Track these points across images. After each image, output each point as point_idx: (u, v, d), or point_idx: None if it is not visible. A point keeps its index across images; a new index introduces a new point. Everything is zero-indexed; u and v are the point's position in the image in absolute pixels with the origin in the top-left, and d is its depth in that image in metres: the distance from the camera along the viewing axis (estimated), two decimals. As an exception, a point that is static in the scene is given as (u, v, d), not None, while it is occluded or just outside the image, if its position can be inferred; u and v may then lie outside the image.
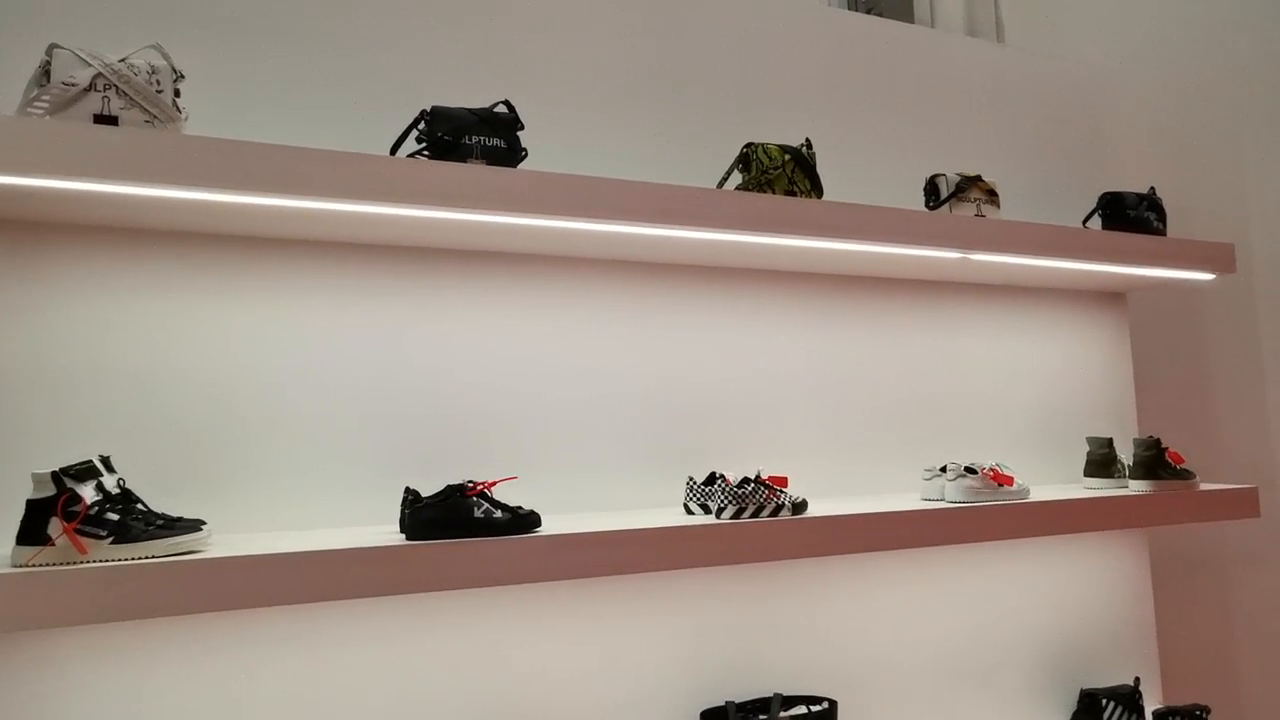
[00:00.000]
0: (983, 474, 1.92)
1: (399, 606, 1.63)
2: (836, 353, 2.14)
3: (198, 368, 1.56)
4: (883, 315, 2.21)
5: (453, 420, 1.73)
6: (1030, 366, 2.39)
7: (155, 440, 1.51)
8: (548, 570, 1.46)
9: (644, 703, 1.80)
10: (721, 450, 1.97)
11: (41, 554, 1.21)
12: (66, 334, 1.48)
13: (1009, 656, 2.21)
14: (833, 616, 2.01)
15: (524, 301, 1.83)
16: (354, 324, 1.68)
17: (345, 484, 1.64)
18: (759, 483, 1.71)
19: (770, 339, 2.06)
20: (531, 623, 1.73)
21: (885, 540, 1.73)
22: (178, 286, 1.56)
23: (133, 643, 1.45)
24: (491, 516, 1.48)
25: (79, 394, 1.48)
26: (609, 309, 1.90)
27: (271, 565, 1.28)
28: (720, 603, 1.90)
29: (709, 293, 2.01)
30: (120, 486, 1.32)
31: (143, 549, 1.26)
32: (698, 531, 1.59)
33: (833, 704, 1.84)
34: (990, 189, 2.03)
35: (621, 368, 1.90)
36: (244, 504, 1.55)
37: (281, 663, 1.54)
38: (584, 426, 1.84)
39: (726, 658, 1.89)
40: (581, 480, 1.83)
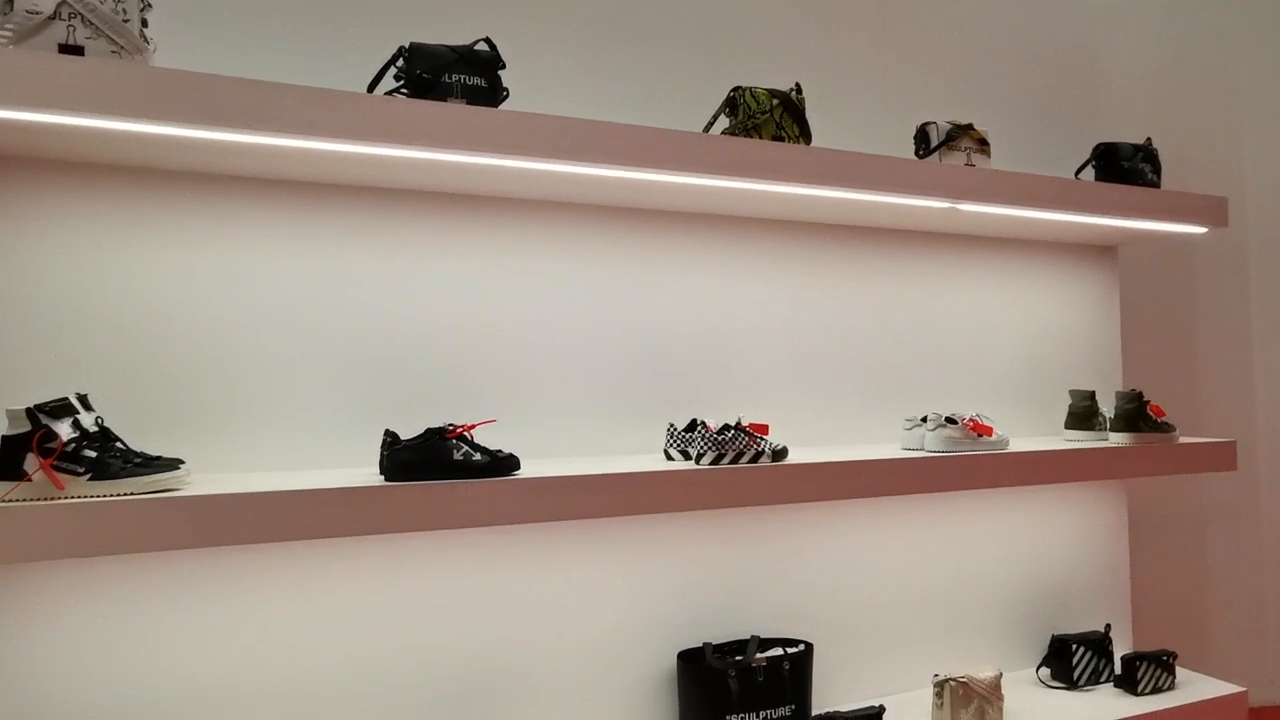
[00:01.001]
0: (962, 424, 1.93)
1: (377, 547, 1.65)
2: (821, 302, 2.13)
3: (176, 308, 1.55)
4: (868, 266, 2.19)
5: (433, 364, 1.73)
6: (1016, 319, 2.39)
7: (133, 381, 1.51)
8: (526, 513, 1.47)
9: (622, 644, 1.84)
10: (703, 398, 1.97)
11: (18, 489, 1.22)
12: (41, 271, 1.47)
13: (983, 603, 2.25)
14: (810, 562, 2.04)
15: (505, 246, 1.81)
16: (333, 266, 1.66)
17: (325, 427, 1.64)
18: (739, 429, 1.72)
19: (754, 287, 2.05)
20: (511, 565, 1.75)
21: (864, 488, 1.75)
22: (154, 225, 1.54)
23: (115, 579, 1.47)
24: (470, 459, 1.48)
25: (56, 332, 1.47)
26: (591, 255, 1.89)
27: (249, 504, 1.29)
28: (699, 547, 1.93)
29: (693, 240, 1.99)
30: (98, 425, 1.33)
31: (120, 486, 1.26)
32: (677, 476, 1.60)
33: (808, 646, 1.89)
34: (981, 138, 2.00)
35: (603, 314, 1.89)
36: (223, 446, 1.56)
37: (259, 601, 1.56)
38: (565, 372, 1.85)
39: (704, 601, 1.93)
40: (562, 425, 1.83)
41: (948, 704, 1.89)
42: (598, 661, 1.81)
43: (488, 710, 1.71)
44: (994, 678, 1.92)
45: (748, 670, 1.78)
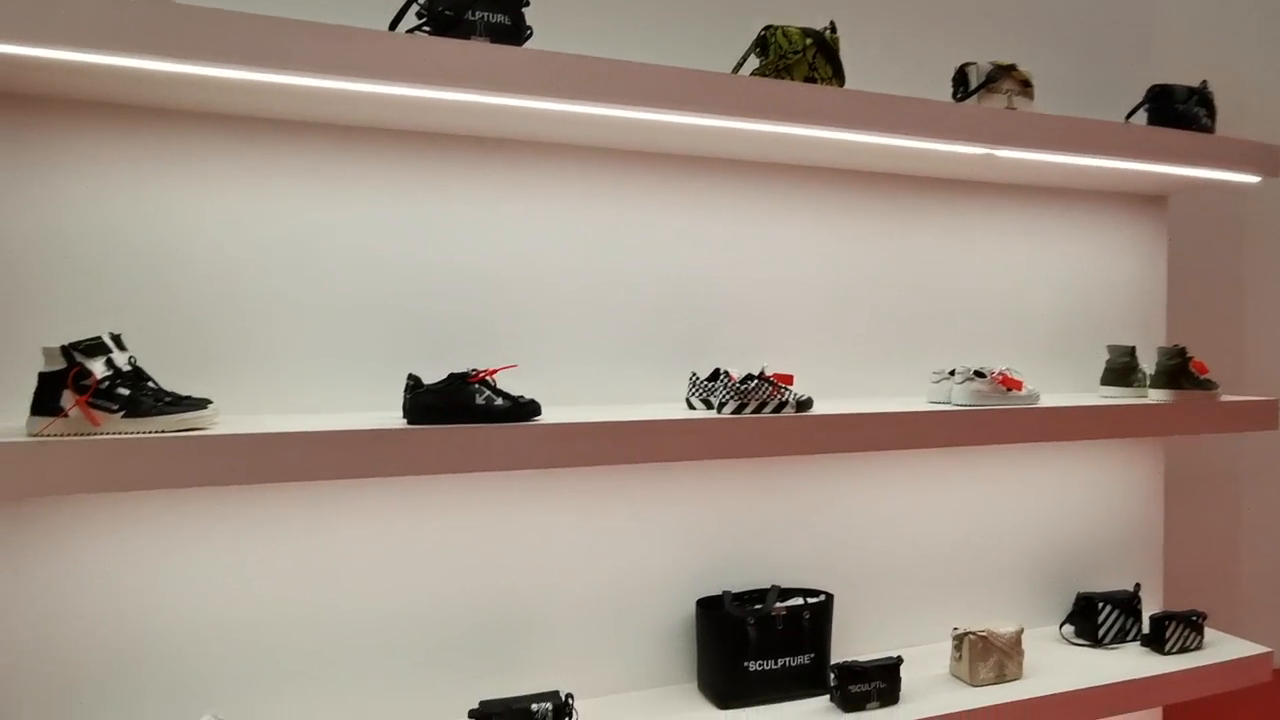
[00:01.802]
0: (991, 378, 1.89)
1: (399, 490, 1.68)
2: (849, 252, 2.08)
3: (204, 251, 1.56)
4: (901, 215, 2.14)
5: (457, 309, 1.74)
6: (1054, 272, 2.32)
7: (163, 322, 1.54)
8: (547, 458, 1.48)
9: (641, 590, 1.86)
10: (727, 347, 1.96)
11: (55, 424, 1.25)
12: (73, 212, 1.49)
13: (1007, 559, 2.24)
14: (833, 514, 2.04)
15: (530, 190, 1.79)
16: (361, 209, 1.66)
17: (350, 370, 1.66)
18: (763, 379, 1.70)
19: (781, 235, 2.01)
20: (531, 511, 1.77)
21: (888, 440, 1.73)
22: (182, 167, 1.55)
23: (148, 514, 1.52)
24: (492, 404, 1.49)
25: (89, 273, 1.49)
26: (617, 200, 1.86)
27: (274, 444, 1.32)
28: (720, 497, 1.93)
29: (721, 186, 1.96)
30: (131, 364, 1.36)
31: (152, 424, 1.30)
32: (698, 425, 1.60)
33: (829, 597, 1.89)
34: (1025, 79, 1.92)
35: (628, 260, 1.87)
36: (249, 387, 1.59)
37: (283, 539, 1.60)
38: (588, 319, 1.84)
39: (725, 550, 1.94)
40: (585, 373, 1.83)
41: (966, 657, 1.89)
42: (616, 607, 1.84)
43: (506, 655, 1.75)
44: (1014, 633, 1.91)
45: (767, 618, 1.80)
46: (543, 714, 1.52)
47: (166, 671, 1.52)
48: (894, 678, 1.78)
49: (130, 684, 1.50)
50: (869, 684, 1.75)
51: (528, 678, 1.76)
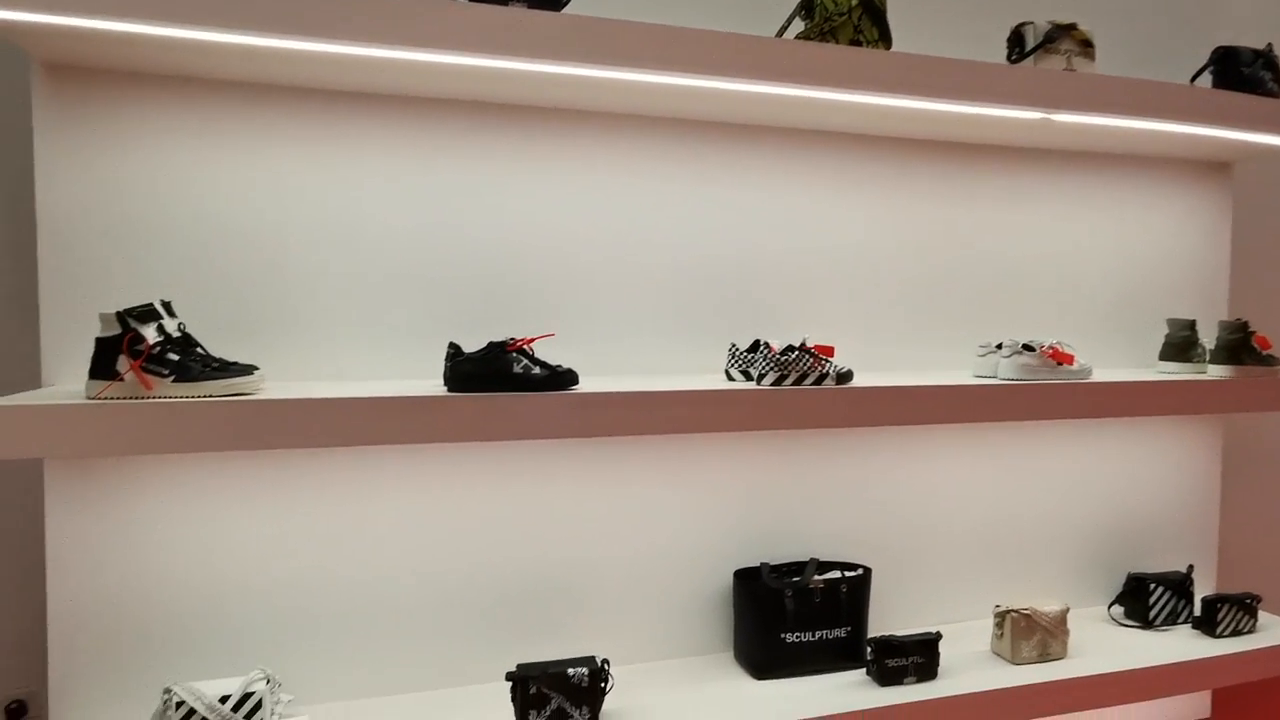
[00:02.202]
0: (1041, 351, 1.84)
1: (439, 457, 1.70)
2: (895, 222, 2.03)
3: (251, 221, 1.59)
4: (949, 183, 2.08)
5: (500, 279, 1.74)
6: (1111, 243, 2.24)
7: (212, 290, 1.57)
8: (584, 427, 1.49)
9: (679, 560, 1.87)
10: (768, 318, 1.93)
11: (111, 387, 1.30)
12: (128, 183, 1.52)
13: (1054, 537, 2.19)
14: (873, 488, 2.02)
15: (572, 159, 1.78)
16: (406, 180, 1.67)
17: (393, 338, 1.68)
18: (803, 351, 1.68)
19: (825, 205, 1.97)
20: (570, 479, 1.79)
21: (929, 414, 1.70)
22: (229, 138, 1.57)
23: (198, 476, 1.57)
24: (530, 373, 1.50)
25: (140, 241, 1.53)
26: (659, 168, 1.84)
27: (318, 409, 1.35)
28: (759, 469, 1.92)
29: (764, 155, 1.92)
30: (181, 330, 1.39)
31: (201, 388, 1.33)
32: (737, 396, 1.58)
33: (867, 571, 1.88)
34: (1085, 39, 1.83)
35: (669, 230, 1.85)
36: (295, 354, 1.62)
37: (327, 504, 1.64)
38: (628, 289, 1.83)
39: (763, 522, 1.93)
40: (623, 343, 1.83)
41: (1008, 635, 1.86)
42: (653, 577, 1.85)
43: (543, 621, 1.78)
44: (1059, 611, 1.88)
45: (804, 590, 1.79)
46: (579, 679, 1.54)
47: (217, 627, 1.58)
48: (932, 653, 1.76)
49: (183, 638, 1.56)
50: (906, 659, 1.74)
51: (564, 644, 1.79)
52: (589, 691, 1.54)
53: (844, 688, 1.73)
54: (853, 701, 1.66)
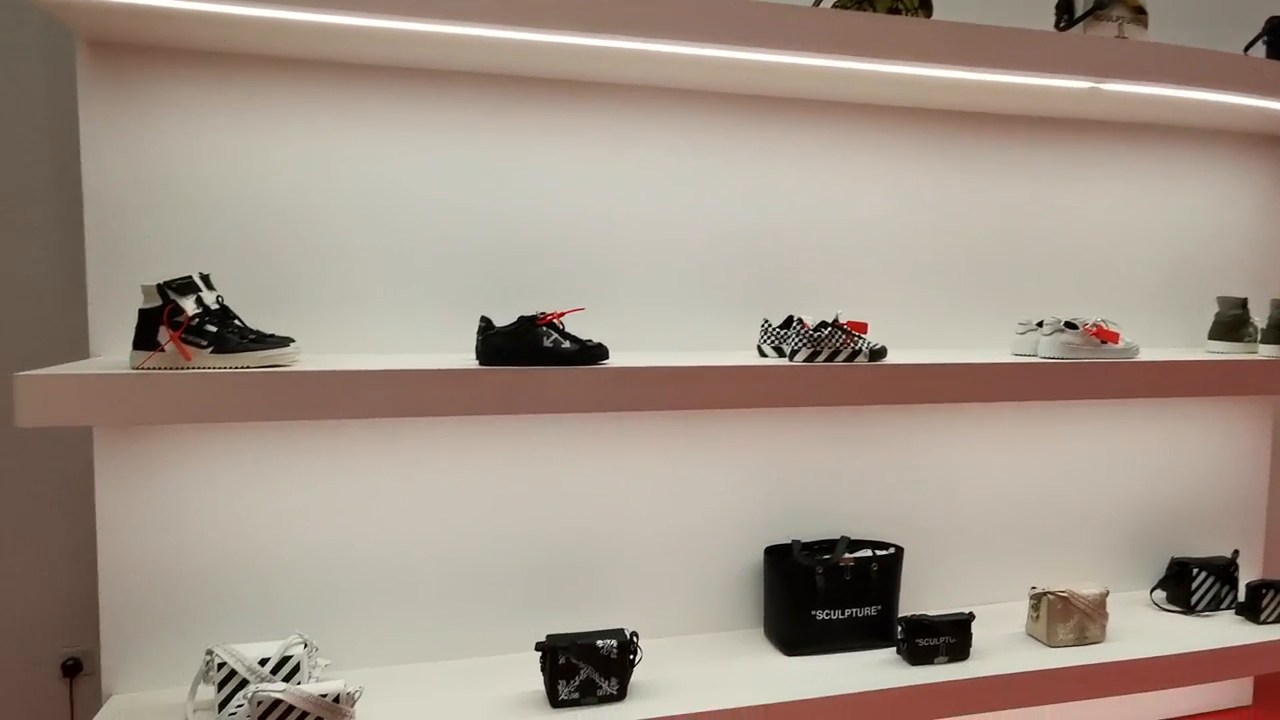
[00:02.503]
0: (1084, 329, 1.79)
1: (470, 430, 1.72)
2: (933, 196, 1.99)
3: (287, 195, 1.61)
4: (990, 156, 2.02)
5: (533, 253, 1.75)
6: (1162, 217, 2.16)
7: (250, 262, 1.60)
8: (613, 401, 1.49)
9: (709, 536, 1.87)
10: (801, 294, 1.91)
11: (153, 358, 1.33)
12: (169, 157, 1.55)
13: (1096, 520, 2.14)
14: (907, 467, 1.99)
15: (604, 134, 1.77)
16: (437, 155, 1.68)
17: (426, 312, 1.70)
18: (836, 327, 1.66)
19: (861, 179, 1.94)
20: (601, 454, 1.79)
21: (964, 392, 1.66)
22: (266, 112, 1.59)
23: (236, 445, 1.61)
24: (560, 347, 1.51)
25: (180, 215, 1.56)
26: (692, 143, 1.82)
27: (352, 381, 1.37)
28: (790, 446, 1.91)
29: (799, 128, 1.89)
30: (219, 303, 1.42)
31: (238, 359, 1.36)
32: (768, 372, 1.57)
33: (899, 550, 1.86)
34: (1137, 5, 1.76)
35: (702, 205, 1.84)
36: (330, 327, 1.64)
37: (360, 474, 1.67)
38: (660, 264, 1.82)
39: (794, 500, 1.92)
40: (655, 318, 1.83)
41: (1044, 617, 1.83)
42: (684, 551, 1.86)
43: (573, 593, 1.80)
44: (1098, 595, 1.84)
45: (835, 568, 1.78)
46: (607, 650, 1.55)
47: (256, 593, 1.62)
48: (964, 633, 1.74)
49: (225, 602, 1.61)
50: (937, 638, 1.72)
51: (593, 617, 1.81)
52: (618, 663, 1.56)
53: (873, 666, 1.72)
54: (882, 679, 1.65)
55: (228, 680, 1.46)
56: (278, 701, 1.38)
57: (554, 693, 1.54)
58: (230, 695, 1.46)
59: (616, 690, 1.56)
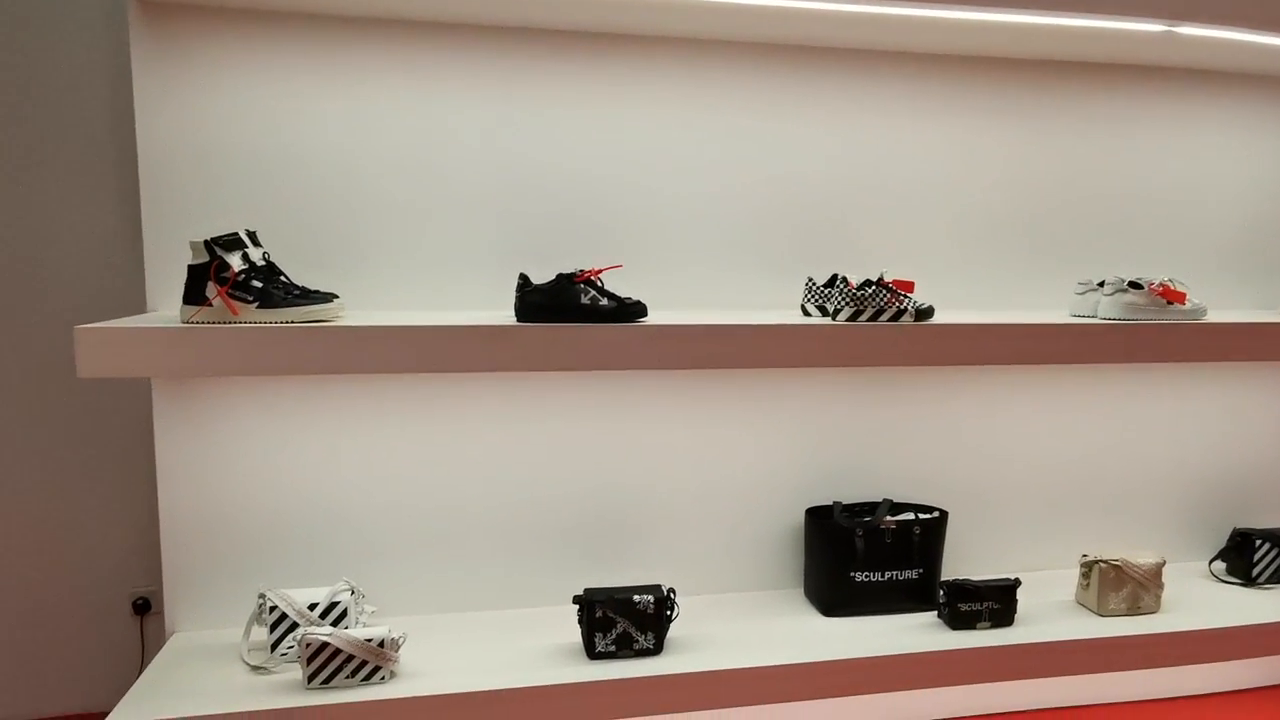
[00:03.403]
0: (1149, 289, 1.71)
1: (513, 386, 1.73)
2: (987, 149, 1.90)
3: (331, 153, 1.63)
4: (1052, 106, 1.92)
5: (572, 210, 1.73)
6: (1236, 172, 2.03)
7: (295, 219, 1.63)
8: (652, 359, 1.48)
9: (749, 495, 1.86)
10: (847, 253, 1.86)
11: (201, 312, 1.37)
12: (219, 115, 1.58)
13: (1153, 488, 2.07)
14: (953, 430, 1.94)
15: (644, 89, 1.73)
16: (478, 111, 1.67)
17: (467, 269, 1.71)
18: (881, 286, 1.61)
19: (912, 132, 1.86)
20: (641, 412, 1.79)
21: (1014, 353, 1.61)
22: (309, 70, 1.60)
23: (289, 399, 1.65)
24: (598, 304, 1.50)
25: (234, 173, 1.59)
26: (733, 96, 1.77)
27: (391, 336, 1.39)
28: (833, 406, 1.88)
29: (846, 79, 1.82)
30: (265, 259, 1.45)
31: (283, 314, 1.39)
32: (810, 331, 1.54)
33: (943, 514, 1.83)
34: (1219, -60, 1.63)
35: (744, 160, 1.79)
36: (373, 283, 1.67)
37: (402, 428, 1.70)
38: (701, 221, 1.79)
39: (835, 461, 1.90)
40: (696, 276, 1.80)
41: (1095, 586, 1.78)
42: (723, 510, 1.85)
43: (611, 549, 1.81)
44: (1154, 564, 1.78)
45: (876, 531, 1.76)
46: (644, 605, 1.57)
47: (306, 541, 1.68)
48: (1009, 599, 1.71)
49: (276, 549, 1.67)
50: (981, 603, 1.69)
51: (632, 572, 1.83)
52: (654, 618, 1.57)
53: (913, 629, 1.70)
54: (922, 642, 1.63)
55: (279, 622, 1.52)
56: (325, 644, 1.43)
57: (590, 644, 1.56)
58: (282, 637, 1.52)
59: (653, 644, 1.58)
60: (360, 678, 1.45)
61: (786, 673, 1.54)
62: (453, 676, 1.48)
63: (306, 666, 1.44)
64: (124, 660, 1.84)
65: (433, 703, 1.42)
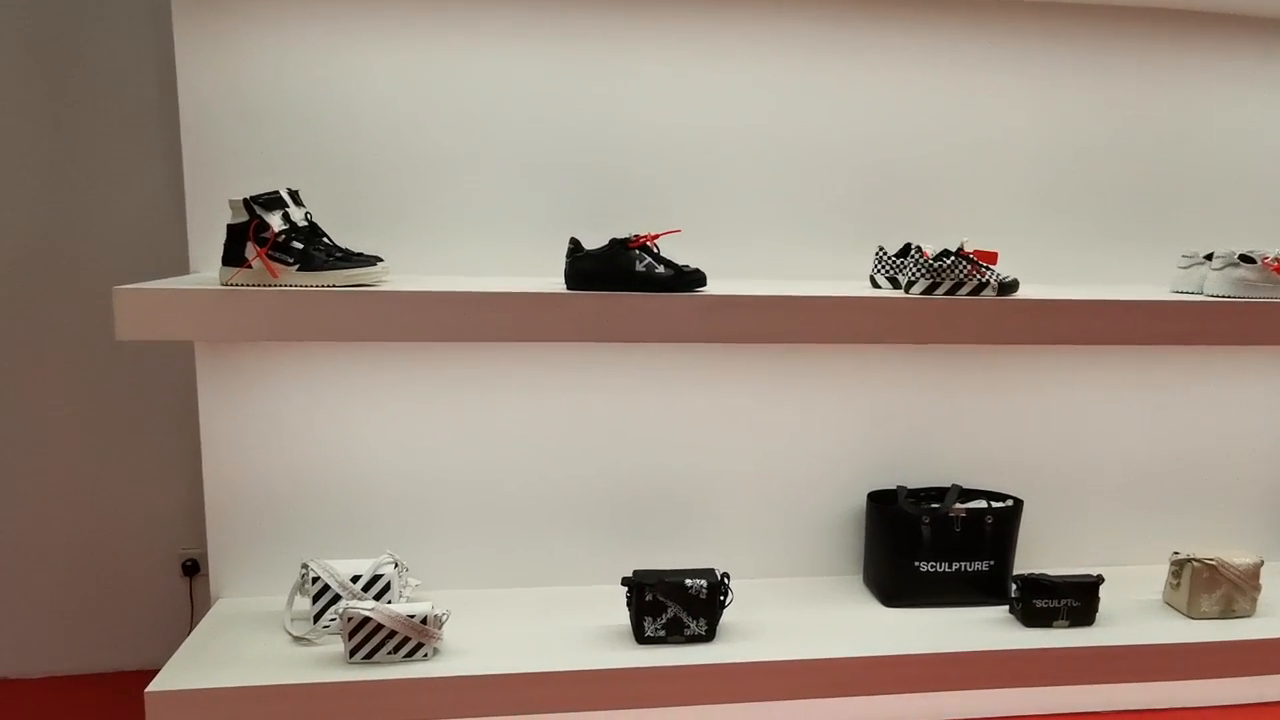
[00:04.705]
0: (1263, 264, 1.54)
1: (563, 357, 1.65)
2: (1079, 106, 1.73)
3: (377, 107, 1.55)
4: (1151, 59, 1.73)
5: (626, 171, 1.63)
6: (1370, 132, 1.82)
7: (339, 178, 1.56)
8: (710, 331, 1.38)
9: (808, 476, 1.76)
10: (921, 220, 1.73)
11: (239, 274, 1.32)
12: (262, 72, 1.51)
13: (1253, 482, 1.90)
14: (1031, 413, 1.81)
15: (704, 42, 1.61)
16: (533, 65, 1.58)
17: (517, 231, 1.62)
18: (960, 256, 1.48)
19: (993, 88, 1.71)
20: (696, 386, 1.70)
21: (1115, 333, 1.46)
22: (358, 27, 1.52)
23: (334, 365, 1.60)
24: (654, 271, 1.40)
25: (277, 131, 1.53)
26: (799, 50, 1.64)
27: (436, 303, 1.31)
28: (902, 384, 1.76)
29: (919, 29, 1.67)
30: (307, 219, 1.39)
31: (324, 278, 1.33)
32: (883, 305, 1.43)
33: (1018, 503, 1.70)
34: None
35: (809, 120, 1.66)
36: (418, 245, 1.60)
37: (447, 397, 1.63)
38: (764, 184, 1.67)
39: (902, 442, 1.78)
40: (759, 243, 1.69)
41: (1186, 586, 1.64)
42: (780, 491, 1.76)
43: (662, 528, 1.74)
44: (1252, 564, 1.63)
45: (944, 519, 1.65)
46: (697, 590, 1.49)
47: (350, 510, 1.64)
48: (1090, 597, 1.59)
49: (320, 517, 1.64)
50: (1058, 600, 1.57)
51: (683, 552, 1.75)
52: (707, 604, 1.50)
53: (982, 624, 1.59)
54: (994, 640, 1.53)
55: (322, 594, 1.48)
56: (367, 619, 1.39)
57: (639, 628, 1.49)
58: (325, 608, 1.49)
59: (704, 631, 1.50)
60: (403, 654, 1.41)
61: (846, 666, 1.45)
62: (496, 657, 1.43)
63: (348, 641, 1.40)
64: (174, 620, 1.84)
65: (476, 683, 1.37)
